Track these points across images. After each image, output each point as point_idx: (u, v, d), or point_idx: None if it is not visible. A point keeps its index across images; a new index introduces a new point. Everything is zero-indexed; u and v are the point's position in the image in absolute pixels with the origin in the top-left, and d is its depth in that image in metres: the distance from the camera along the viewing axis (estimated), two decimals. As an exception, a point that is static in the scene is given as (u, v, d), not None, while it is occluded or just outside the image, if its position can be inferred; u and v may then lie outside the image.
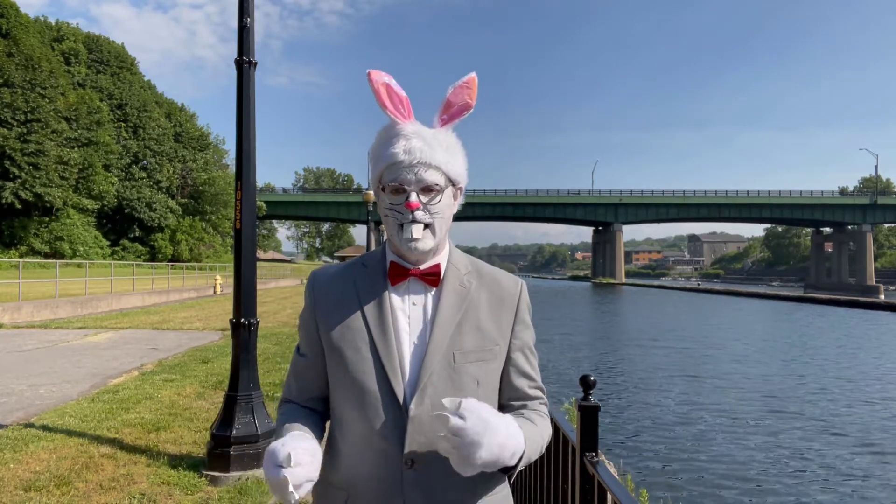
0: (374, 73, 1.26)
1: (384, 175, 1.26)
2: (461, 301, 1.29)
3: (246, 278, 4.59)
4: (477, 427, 1.09)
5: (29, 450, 4.86)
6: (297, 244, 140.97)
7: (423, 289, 1.30)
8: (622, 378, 16.20)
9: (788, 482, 8.67)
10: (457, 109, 1.30)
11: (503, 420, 1.15)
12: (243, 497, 4.13)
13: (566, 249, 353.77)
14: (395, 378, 1.22)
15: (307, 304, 1.36)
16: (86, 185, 48.91)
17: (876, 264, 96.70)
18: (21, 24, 46.60)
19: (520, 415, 1.31)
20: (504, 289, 1.34)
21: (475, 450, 1.09)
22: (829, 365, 18.74)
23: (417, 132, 1.25)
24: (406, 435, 1.20)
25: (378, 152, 1.28)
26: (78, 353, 10.23)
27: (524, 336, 1.35)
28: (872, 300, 49.50)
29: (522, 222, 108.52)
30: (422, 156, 1.23)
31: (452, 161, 1.28)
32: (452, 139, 1.30)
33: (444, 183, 1.26)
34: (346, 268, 1.37)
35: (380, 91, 1.26)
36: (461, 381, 1.24)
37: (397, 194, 1.24)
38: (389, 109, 1.26)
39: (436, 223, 1.25)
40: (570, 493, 2.01)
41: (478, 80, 1.31)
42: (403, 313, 1.28)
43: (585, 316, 38.26)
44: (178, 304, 23.88)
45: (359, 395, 1.23)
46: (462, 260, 1.36)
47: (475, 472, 1.12)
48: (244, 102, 4.61)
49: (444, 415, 1.11)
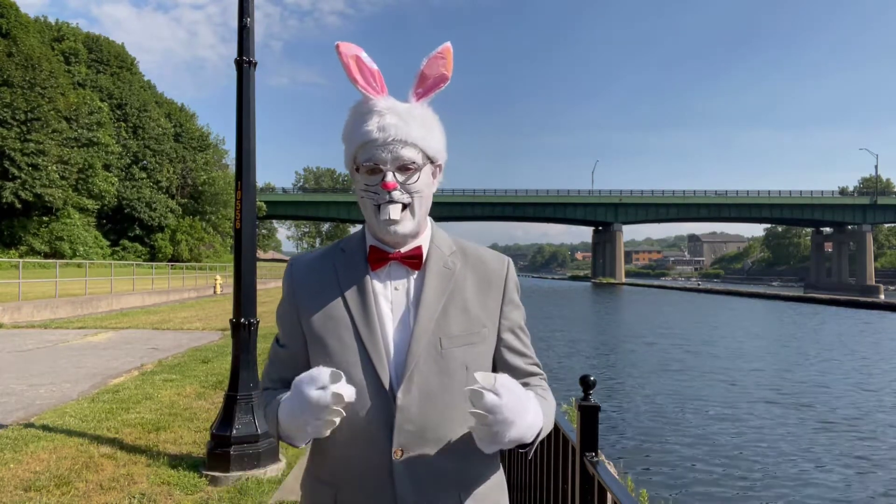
0: (343, 46, 1.21)
1: (358, 155, 1.21)
2: (446, 283, 1.24)
3: (246, 278, 4.59)
4: (512, 405, 1.06)
5: (29, 450, 4.86)
6: (297, 244, 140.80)
7: (406, 272, 1.25)
8: (622, 378, 16.19)
9: (789, 482, 8.66)
10: (432, 82, 1.23)
11: (531, 398, 1.13)
12: (243, 497, 4.13)
13: (566, 249, 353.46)
14: (381, 366, 1.19)
15: (285, 293, 1.32)
16: (86, 185, 48.90)
17: (876, 264, 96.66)
18: (21, 24, 46.58)
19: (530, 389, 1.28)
20: (490, 268, 1.30)
21: (506, 428, 1.06)
22: (830, 364, 18.74)
23: (391, 108, 1.19)
24: (394, 423, 1.17)
25: (351, 131, 1.22)
26: (78, 353, 10.23)
27: (513, 316, 1.31)
28: (872, 300, 49.49)
29: (522, 222, 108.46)
30: (396, 133, 1.17)
31: (429, 137, 1.22)
32: (429, 114, 1.24)
33: (422, 160, 1.21)
34: (324, 254, 1.32)
35: (349, 64, 1.20)
36: (449, 366, 1.20)
37: (373, 174, 1.19)
38: (360, 84, 1.21)
39: (415, 202, 1.20)
40: (570, 493, 2.01)
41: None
42: (386, 299, 1.24)
43: (585, 316, 38.22)
44: (178, 304, 23.88)
45: None
46: (445, 240, 1.31)
47: (498, 448, 1.10)
48: (244, 102, 4.61)
49: (478, 390, 1.06)
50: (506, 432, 1.06)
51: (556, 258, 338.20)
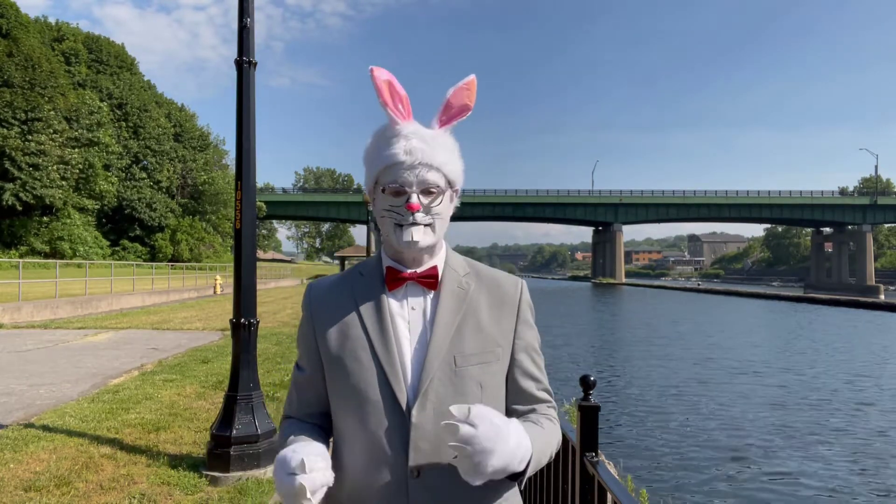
0: (377, 70, 1.24)
1: (382, 176, 1.24)
2: (460, 303, 1.27)
3: (246, 278, 4.59)
4: (489, 434, 1.05)
5: (29, 450, 4.86)
6: (297, 244, 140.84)
7: (422, 292, 1.28)
8: (622, 378, 16.19)
9: (789, 481, 8.67)
10: (456, 111, 1.28)
11: (512, 425, 1.12)
12: (243, 497, 4.13)
13: (566, 249, 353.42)
14: (397, 384, 1.20)
15: (304, 316, 1.34)
16: (86, 185, 48.87)
17: (876, 264, 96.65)
18: (21, 24, 46.61)
19: (527, 419, 1.28)
20: (504, 290, 1.32)
21: (486, 458, 1.05)
22: (831, 364, 18.74)
23: (417, 132, 1.24)
24: (410, 441, 1.18)
25: (375, 152, 1.26)
26: (78, 353, 10.23)
27: (527, 336, 1.33)
28: (872, 300, 49.50)
29: (522, 222, 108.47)
30: (423, 157, 1.21)
31: (452, 163, 1.26)
32: (451, 141, 1.29)
33: (445, 185, 1.25)
34: (342, 277, 1.35)
35: (382, 88, 1.24)
36: (463, 384, 1.22)
37: (397, 196, 1.22)
38: (390, 107, 1.24)
39: (436, 224, 1.24)
40: (570, 493, 2.01)
41: (479, 81, 1.30)
42: (402, 318, 1.26)
43: (585, 316, 38.23)
44: (178, 304, 23.87)
45: (361, 405, 1.21)
46: (459, 262, 1.34)
47: (484, 480, 1.09)
48: (244, 102, 4.61)
49: (453, 424, 1.06)
50: (487, 462, 1.06)
51: (556, 258, 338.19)
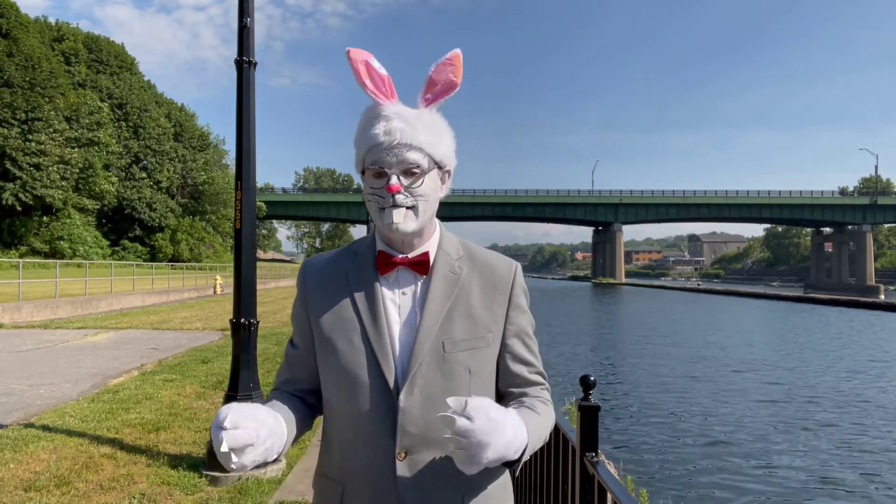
0: (354, 52, 1.22)
1: (366, 158, 1.22)
2: (451, 288, 1.26)
3: (246, 278, 4.59)
4: (485, 427, 1.05)
5: (29, 450, 4.86)
6: (297, 244, 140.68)
7: (414, 277, 1.27)
8: (622, 378, 16.19)
9: (788, 481, 8.66)
10: (441, 88, 1.24)
11: (508, 416, 1.12)
12: (243, 497, 4.13)
13: (566, 249, 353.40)
14: (387, 368, 1.20)
15: (298, 294, 1.34)
16: (86, 184, 48.88)
17: (876, 264, 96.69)
18: (21, 24, 46.59)
19: (521, 403, 1.28)
20: (497, 273, 1.30)
21: (482, 451, 1.06)
22: (830, 364, 18.75)
23: (399, 113, 1.21)
24: (397, 425, 1.19)
25: (360, 135, 1.24)
26: (78, 353, 10.23)
27: (520, 321, 1.32)
28: (872, 300, 49.51)
29: (522, 222, 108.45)
30: (402, 137, 1.18)
31: (436, 142, 1.23)
32: (437, 119, 1.25)
33: (428, 165, 1.21)
34: (337, 256, 1.34)
35: (359, 70, 1.21)
36: (452, 370, 1.22)
37: (379, 178, 1.20)
38: (370, 89, 1.22)
39: (419, 206, 1.21)
40: (570, 493, 2.01)
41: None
42: (393, 303, 1.25)
43: (585, 316, 38.23)
44: (178, 304, 23.87)
45: (351, 387, 1.22)
46: (453, 245, 1.32)
47: (479, 469, 1.10)
48: (244, 102, 4.61)
49: (450, 416, 1.07)
50: (482, 454, 1.06)
51: (556, 258, 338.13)
